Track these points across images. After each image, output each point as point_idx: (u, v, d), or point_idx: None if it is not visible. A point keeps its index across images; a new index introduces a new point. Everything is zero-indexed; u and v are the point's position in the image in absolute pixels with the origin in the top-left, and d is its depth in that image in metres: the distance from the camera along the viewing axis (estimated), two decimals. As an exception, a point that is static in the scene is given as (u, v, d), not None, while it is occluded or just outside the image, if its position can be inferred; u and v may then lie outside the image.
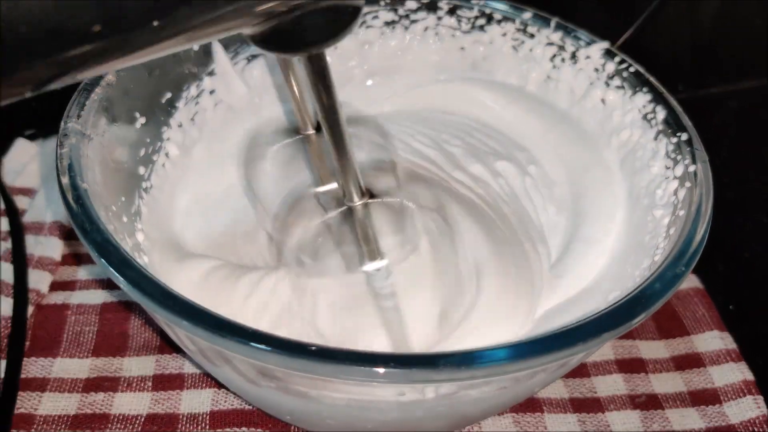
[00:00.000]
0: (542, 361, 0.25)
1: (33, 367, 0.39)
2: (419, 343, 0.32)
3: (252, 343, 0.24)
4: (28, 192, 0.47)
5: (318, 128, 0.35)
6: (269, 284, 0.33)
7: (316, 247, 0.34)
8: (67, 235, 0.45)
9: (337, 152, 0.29)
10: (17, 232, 0.43)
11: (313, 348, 0.24)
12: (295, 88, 0.34)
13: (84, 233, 0.27)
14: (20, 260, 0.42)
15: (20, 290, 0.41)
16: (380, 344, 0.32)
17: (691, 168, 0.33)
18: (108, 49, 0.20)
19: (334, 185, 0.35)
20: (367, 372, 0.24)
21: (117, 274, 0.26)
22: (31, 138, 0.50)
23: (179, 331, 0.28)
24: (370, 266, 0.33)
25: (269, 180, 0.37)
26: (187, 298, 0.26)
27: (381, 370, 0.23)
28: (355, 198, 0.31)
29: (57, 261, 0.44)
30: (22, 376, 0.38)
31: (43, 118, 0.53)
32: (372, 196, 0.32)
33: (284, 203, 0.36)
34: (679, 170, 0.34)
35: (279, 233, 0.35)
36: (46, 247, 0.44)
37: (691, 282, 0.45)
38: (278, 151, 0.38)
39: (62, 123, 0.32)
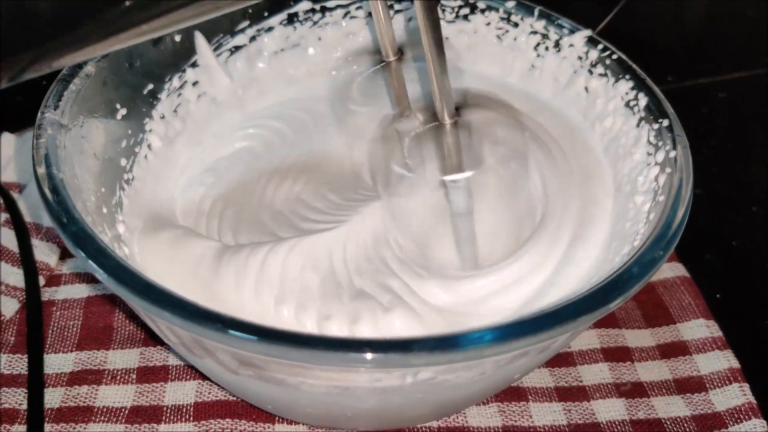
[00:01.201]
0: (519, 345, 0.25)
1: (18, 364, 0.39)
2: (487, 257, 0.35)
3: (231, 331, 0.24)
4: (13, 186, 0.47)
5: (399, 55, 0.39)
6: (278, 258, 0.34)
7: (407, 161, 0.37)
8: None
9: (438, 74, 0.32)
10: (20, 227, 0.43)
11: (289, 334, 0.24)
12: (382, 19, 0.37)
13: (60, 224, 0.27)
14: (28, 258, 0.42)
15: (31, 282, 0.41)
16: (449, 255, 0.35)
17: (672, 153, 0.33)
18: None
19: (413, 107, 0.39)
20: (344, 358, 0.24)
21: (94, 265, 0.26)
22: (16, 131, 0.50)
23: (159, 321, 0.28)
24: (452, 177, 0.35)
25: (356, 105, 0.42)
26: (165, 287, 0.25)
27: (356, 355, 0.23)
28: (447, 117, 0.34)
29: (51, 267, 0.43)
30: (7, 372, 0.38)
31: (28, 113, 0.53)
32: (458, 115, 0.35)
33: (371, 126, 0.40)
34: (660, 156, 0.34)
35: (372, 153, 0.39)
36: (41, 251, 0.43)
37: (677, 271, 0.45)
38: (363, 79, 0.42)
39: (39, 113, 0.31)
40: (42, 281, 0.42)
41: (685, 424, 0.38)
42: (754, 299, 0.45)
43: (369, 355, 0.24)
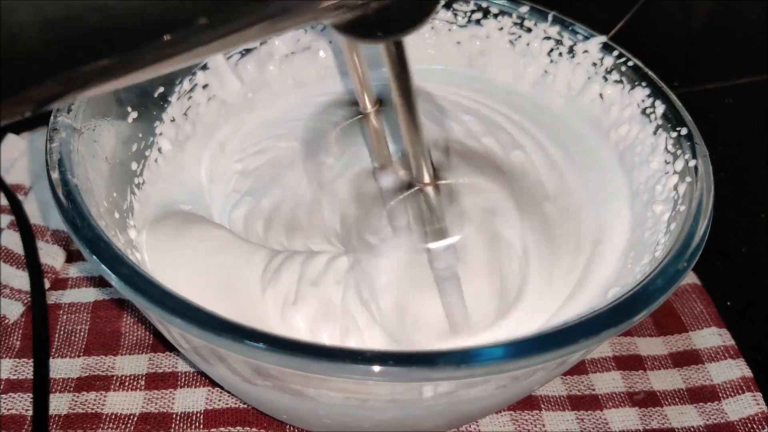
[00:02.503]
0: (541, 359, 0.25)
1: (24, 368, 0.38)
2: (478, 322, 0.32)
3: (247, 341, 0.24)
4: (18, 189, 0.47)
5: (379, 105, 0.35)
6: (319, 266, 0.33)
7: (382, 228, 0.34)
8: (68, 242, 0.44)
9: (411, 133, 0.29)
10: (26, 230, 0.43)
11: (309, 346, 0.23)
12: (358, 68, 0.34)
13: (75, 229, 0.27)
14: (33, 262, 0.42)
15: (36, 286, 0.40)
16: (440, 325, 0.32)
17: (692, 163, 0.33)
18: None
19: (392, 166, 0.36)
20: (365, 371, 0.23)
21: (109, 271, 0.26)
22: (20, 132, 0.49)
23: (173, 329, 0.27)
24: (436, 245, 0.33)
25: (331, 160, 0.38)
26: (180, 295, 0.25)
27: (379, 368, 0.23)
28: (426, 178, 0.31)
29: (57, 270, 0.43)
30: (14, 377, 0.38)
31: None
32: (438, 177, 0.33)
33: (346, 184, 0.37)
34: (679, 165, 0.34)
35: (342, 215, 0.36)
36: (47, 254, 0.43)
37: (688, 278, 0.45)
38: (340, 132, 0.39)
39: (52, 117, 0.31)
40: (47, 284, 0.42)
41: (699, 434, 0.38)
42: (765, 307, 0.45)
43: (391, 369, 0.23)
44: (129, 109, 0.36)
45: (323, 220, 0.36)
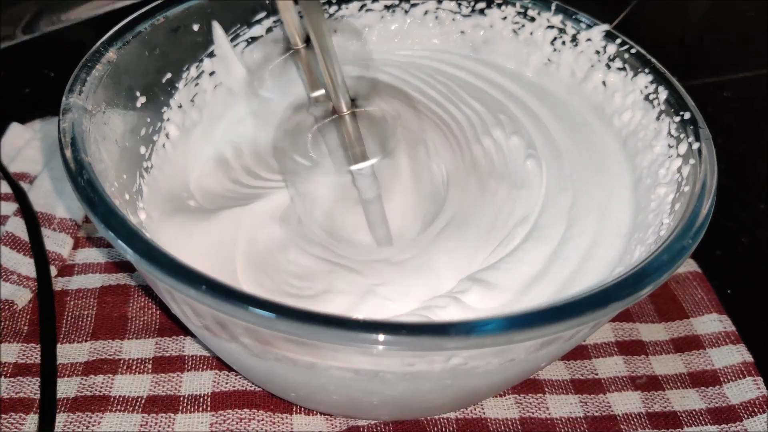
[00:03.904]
0: (549, 331, 0.25)
1: (33, 353, 0.38)
2: (401, 237, 0.38)
3: (259, 311, 0.24)
4: (23, 177, 0.47)
5: (307, 42, 0.37)
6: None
7: (310, 153, 0.37)
8: (74, 230, 0.44)
9: (327, 67, 0.32)
10: (31, 218, 0.43)
11: (321, 316, 0.24)
12: (290, 7, 0.35)
13: (90, 205, 0.27)
14: (39, 250, 0.42)
15: (43, 274, 0.41)
16: (365, 238, 0.38)
17: (695, 146, 0.34)
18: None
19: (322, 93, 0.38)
20: (375, 339, 0.23)
21: (124, 246, 0.26)
22: (25, 122, 0.50)
23: (184, 304, 0.28)
24: (357, 167, 0.36)
25: (270, 93, 0.42)
26: (194, 267, 0.25)
27: (391, 337, 0.23)
28: (344, 108, 0.34)
29: (64, 257, 0.43)
30: (21, 361, 0.38)
31: (36, 104, 0.53)
32: (356, 105, 0.35)
33: (283, 114, 0.40)
34: (682, 148, 0.34)
35: (279, 141, 0.40)
36: (55, 241, 0.43)
37: (689, 266, 0.46)
38: (274, 67, 0.41)
39: (64, 98, 0.31)
40: (54, 271, 0.42)
41: (701, 417, 0.38)
42: (765, 295, 0.45)
43: (403, 338, 0.24)
44: (138, 93, 0.37)
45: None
